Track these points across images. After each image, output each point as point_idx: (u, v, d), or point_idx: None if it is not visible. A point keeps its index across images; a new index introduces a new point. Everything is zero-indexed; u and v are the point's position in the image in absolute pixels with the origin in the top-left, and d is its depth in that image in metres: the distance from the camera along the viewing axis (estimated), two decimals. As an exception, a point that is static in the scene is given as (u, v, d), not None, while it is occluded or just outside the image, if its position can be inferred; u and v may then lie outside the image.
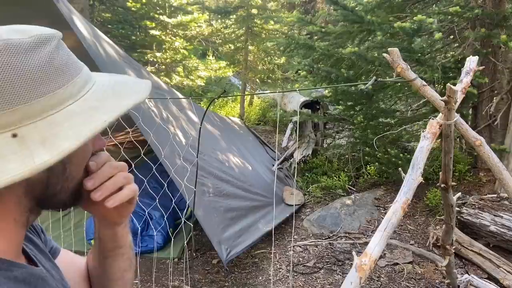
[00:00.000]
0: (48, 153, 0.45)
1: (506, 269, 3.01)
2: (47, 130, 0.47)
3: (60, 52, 0.51)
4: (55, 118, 0.48)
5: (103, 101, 0.53)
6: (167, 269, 3.36)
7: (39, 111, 0.47)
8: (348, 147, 5.34)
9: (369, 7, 4.60)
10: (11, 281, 0.48)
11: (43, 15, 2.95)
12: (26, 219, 0.53)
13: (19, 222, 0.52)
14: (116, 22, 7.77)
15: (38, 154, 0.45)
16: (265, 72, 9.35)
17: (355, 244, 3.66)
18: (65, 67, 0.51)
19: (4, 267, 0.49)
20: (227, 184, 3.70)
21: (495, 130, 4.47)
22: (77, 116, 0.49)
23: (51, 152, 0.45)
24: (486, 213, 3.40)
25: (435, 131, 1.77)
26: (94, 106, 0.51)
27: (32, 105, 0.46)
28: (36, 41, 0.48)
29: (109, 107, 0.52)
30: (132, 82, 0.60)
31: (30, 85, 0.46)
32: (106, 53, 3.30)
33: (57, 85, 0.49)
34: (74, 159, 0.54)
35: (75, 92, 0.51)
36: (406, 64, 1.75)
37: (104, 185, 0.59)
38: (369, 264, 1.49)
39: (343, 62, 4.66)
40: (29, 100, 0.46)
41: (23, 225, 0.53)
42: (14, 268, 0.50)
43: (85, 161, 0.58)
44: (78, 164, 0.56)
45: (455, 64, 4.07)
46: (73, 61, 0.53)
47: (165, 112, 3.62)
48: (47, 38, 0.50)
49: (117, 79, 0.60)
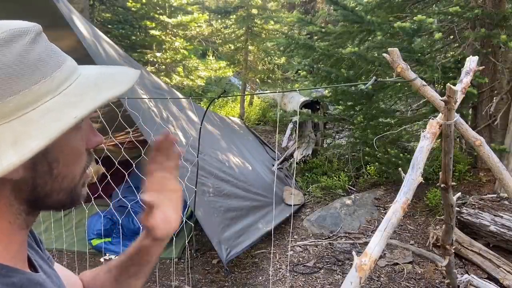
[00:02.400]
0: (16, 154, 0.43)
1: (506, 269, 3.01)
2: (21, 129, 0.45)
3: (36, 46, 0.48)
4: (30, 116, 0.46)
5: (82, 95, 0.50)
6: (167, 269, 3.36)
7: (14, 109, 0.45)
8: (348, 147, 5.34)
9: (369, 7, 4.61)
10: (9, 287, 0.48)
11: (43, 15, 2.95)
12: (22, 222, 0.52)
13: (14, 225, 0.51)
14: (116, 22, 7.77)
15: (6, 156, 0.43)
16: (265, 72, 9.35)
17: (355, 244, 3.66)
18: (40, 62, 0.48)
19: (2, 273, 0.48)
20: (227, 184, 3.70)
21: (495, 130, 4.47)
22: (50, 113, 0.46)
23: (18, 153, 0.43)
24: (486, 213, 3.40)
25: (435, 131, 1.77)
26: (71, 101, 0.49)
27: (5, 104, 0.44)
28: (6, 37, 0.45)
29: (85, 101, 0.49)
30: (119, 74, 0.57)
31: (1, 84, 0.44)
32: (106, 53, 3.30)
33: (32, 81, 0.46)
34: (61, 158, 0.51)
35: (54, 87, 0.48)
36: (406, 64, 1.75)
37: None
38: (369, 264, 1.49)
39: (343, 62, 4.66)
40: (1, 99, 0.44)
41: (20, 227, 0.52)
42: (13, 274, 0.49)
43: (77, 160, 0.55)
44: (68, 163, 0.53)
45: (455, 64, 4.06)
46: (53, 54, 0.50)
47: (165, 112, 3.62)
48: (21, 32, 0.47)
49: (105, 71, 0.57)
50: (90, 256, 3.30)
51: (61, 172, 0.52)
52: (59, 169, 0.52)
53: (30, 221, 0.55)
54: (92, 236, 3.61)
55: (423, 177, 1.75)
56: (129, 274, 0.76)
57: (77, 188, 0.56)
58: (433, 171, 4.30)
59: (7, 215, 0.50)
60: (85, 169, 0.57)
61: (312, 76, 4.99)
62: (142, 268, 0.76)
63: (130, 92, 3.12)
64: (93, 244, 3.58)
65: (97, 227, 3.59)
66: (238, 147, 4.78)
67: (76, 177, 0.55)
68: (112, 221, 3.67)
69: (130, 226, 3.62)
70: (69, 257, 3.42)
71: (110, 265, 0.78)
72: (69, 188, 0.54)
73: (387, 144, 4.61)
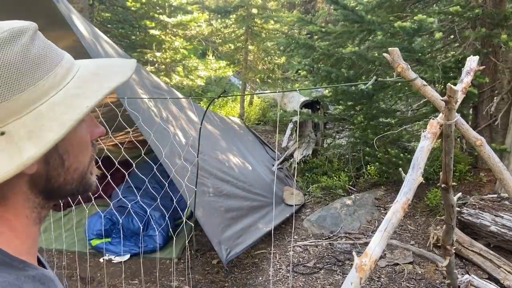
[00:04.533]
0: (35, 147, 0.45)
1: (506, 269, 3.01)
2: (33, 124, 0.47)
3: (36, 43, 0.50)
4: (40, 110, 0.48)
5: (84, 87, 0.52)
6: (167, 269, 3.36)
7: (23, 106, 0.47)
8: (348, 147, 5.33)
9: (369, 7, 4.60)
10: (30, 280, 0.49)
11: (43, 15, 2.95)
12: (37, 215, 0.54)
13: (31, 219, 0.53)
14: (116, 22, 7.77)
15: (26, 149, 0.45)
16: (265, 72, 9.35)
17: (355, 245, 3.66)
18: (43, 58, 0.50)
19: (20, 267, 0.49)
20: (227, 184, 3.69)
21: (496, 130, 4.47)
22: (59, 106, 0.49)
23: (37, 145, 0.45)
24: (487, 213, 3.39)
25: (436, 131, 1.77)
26: (75, 93, 0.51)
27: (14, 101, 0.46)
28: (8, 36, 0.47)
29: (90, 92, 0.52)
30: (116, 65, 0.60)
31: (8, 82, 0.46)
32: (105, 52, 3.30)
33: (36, 77, 0.48)
34: (71, 149, 0.54)
35: (58, 81, 0.50)
36: (406, 64, 1.74)
37: None
38: (369, 265, 1.48)
39: (343, 62, 4.65)
40: (11, 97, 0.46)
41: (35, 222, 0.54)
42: (29, 268, 0.51)
43: (85, 151, 0.57)
44: (77, 154, 0.55)
45: (455, 64, 4.06)
46: (52, 51, 0.52)
47: (165, 112, 3.61)
48: (20, 31, 0.48)
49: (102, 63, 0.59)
50: (90, 256, 3.30)
51: (72, 163, 0.55)
52: (70, 161, 0.54)
53: (44, 215, 0.57)
54: (92, 236, 3.61)
55: (424, 177, 1.74)
56: None
57: (86, 176, 0.58)
58: (434, 171, 4.29)
59: (24, 210, 0.52)
60: (92, 159, 0.60)
61: (312, 76, 4.99)
62: None
63: (130, 92, 3.11)
64: (92, 244, 3.58)
65: (97, 227, 3.59)
66: (238, 147, 4.77)
67: (85, 167, 0.58)
68: (112, 221, 3.66)
69: (130, 226, 3.62)
70: (69, 257, 3.41)
71: None
72: (80, 178, 0.57)
73: (388, 144, 4.61)
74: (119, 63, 0.60)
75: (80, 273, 3.20)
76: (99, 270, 3.32)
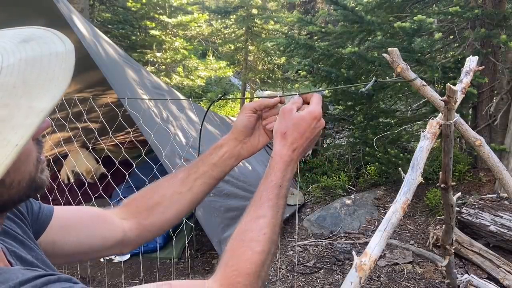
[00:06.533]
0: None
1: (506, 269, 3.01)
2: None
3: None
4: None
5: (12, 107, 0.41)
6: (167, 269, 3.36)
7: None
8: (348, 147, 5.34)
9: (369, 7, 4.61)
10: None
11: (43, 15, 2.95)
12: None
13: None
14: (116, 22, 7.77)
15: None
16: (265, 72, 9.35)
17: (355, 244, 3.67)
18: None
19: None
20: (227, 184, 3.69)
21: (495, 130, 4.48)
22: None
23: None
24: (486, 213, 3.40)
25: (435, 131, 1.77)
26: (1, 116, 0.40)
27: None
28: None
29: (20, 117, 0.41)
30: (45, 55, 0.47)
31: None
32: (106, 53, 3.30)
33: None
34: (10, 167, 0.44)
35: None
36: (406, 64, 1.74)
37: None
38: (369, 264, 1.49)
39: (343, 62, 4.66)
40: None
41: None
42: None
43: (27, 159, 0.52)
44: (18, 167, 0.50)
45: (455, 64, 4.07)
46: None
47: (165, 112, 3.62)
48: None
49: (25, 55, 0.46)
50: (90, 256, 3.30)
51: (14, 178, 0.50)
52: (10, 178, 0.49)
53: (0, 223, 0.55)
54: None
55: (423, 177, 1.75)
56: (198, 173, 0.83)
57: (35, 179, 0.54)
58: (433, 171, 4.30)
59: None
60: (38, 159, 0.55)
61: (312, 76, 4.99)
62: (213, 170, 0.84)
63: (130, 92, 3.12)
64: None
65: (97, 227, 3.59)
66: (238, 147, 4.77)
67: (31, 172, 0.53)
68: (112, 221, 3.66)
69: (130, 226, 3.62)
70: (69, 257, 3.41)
71: (177, 172, 0.87)
72: (28, 184, 0.53)
73: (387, 144, 4.62)
74: (48, 53, 0.47)
75: (80, 273, 3.21)
76: (99, 270, 3.33)
